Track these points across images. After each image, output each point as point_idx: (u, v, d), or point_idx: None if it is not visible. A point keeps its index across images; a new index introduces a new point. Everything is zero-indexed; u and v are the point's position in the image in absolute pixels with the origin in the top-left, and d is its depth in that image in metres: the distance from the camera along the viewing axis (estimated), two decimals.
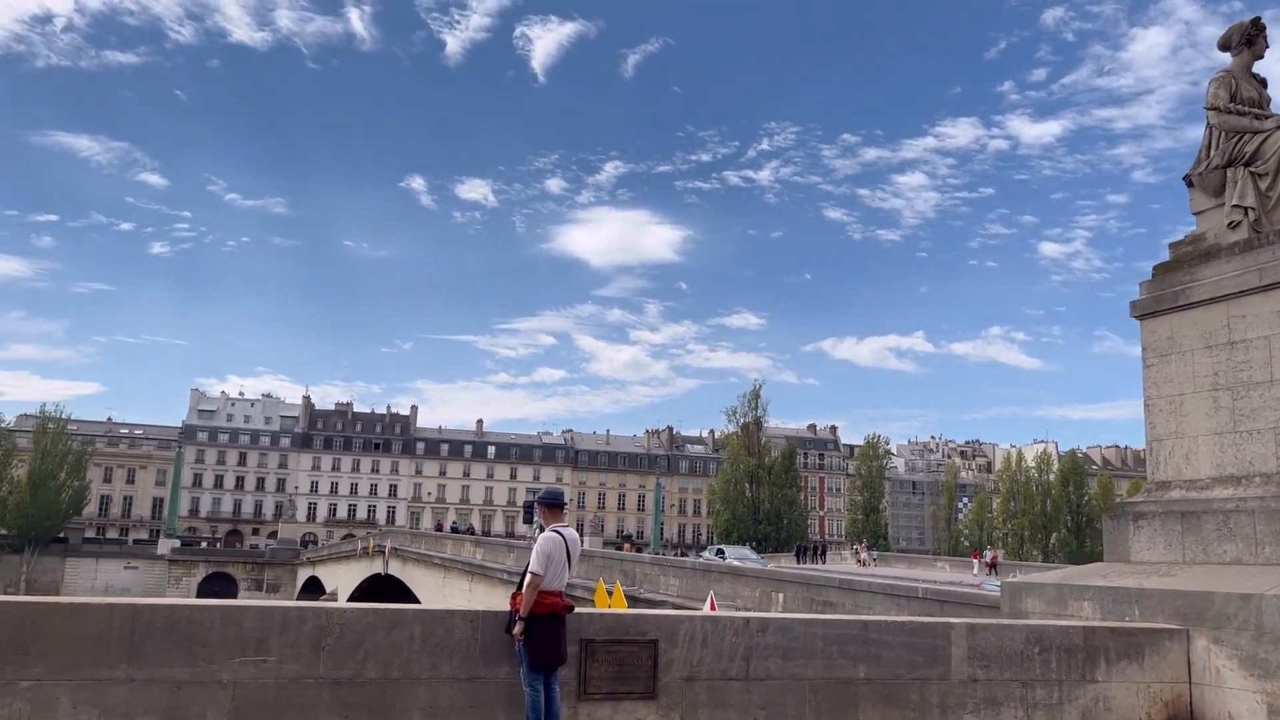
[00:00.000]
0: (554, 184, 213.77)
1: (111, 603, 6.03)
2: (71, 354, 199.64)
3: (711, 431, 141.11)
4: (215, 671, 6.04)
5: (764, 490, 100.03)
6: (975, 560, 57.33)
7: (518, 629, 6.54)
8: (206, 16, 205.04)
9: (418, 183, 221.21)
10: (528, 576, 6.70)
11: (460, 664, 6.59)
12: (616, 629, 7.03)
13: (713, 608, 19.28)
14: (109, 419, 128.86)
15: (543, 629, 6.58)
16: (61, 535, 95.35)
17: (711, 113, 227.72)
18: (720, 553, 41.20)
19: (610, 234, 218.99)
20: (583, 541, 8.13)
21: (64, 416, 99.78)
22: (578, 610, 7.01)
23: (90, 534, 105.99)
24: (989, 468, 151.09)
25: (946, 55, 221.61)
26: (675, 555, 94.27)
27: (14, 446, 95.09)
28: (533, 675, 6.51)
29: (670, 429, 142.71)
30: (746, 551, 45.46)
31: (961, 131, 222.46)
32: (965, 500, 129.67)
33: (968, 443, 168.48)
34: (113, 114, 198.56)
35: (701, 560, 32.99)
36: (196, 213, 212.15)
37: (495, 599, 35.90)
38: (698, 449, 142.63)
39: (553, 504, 7.16)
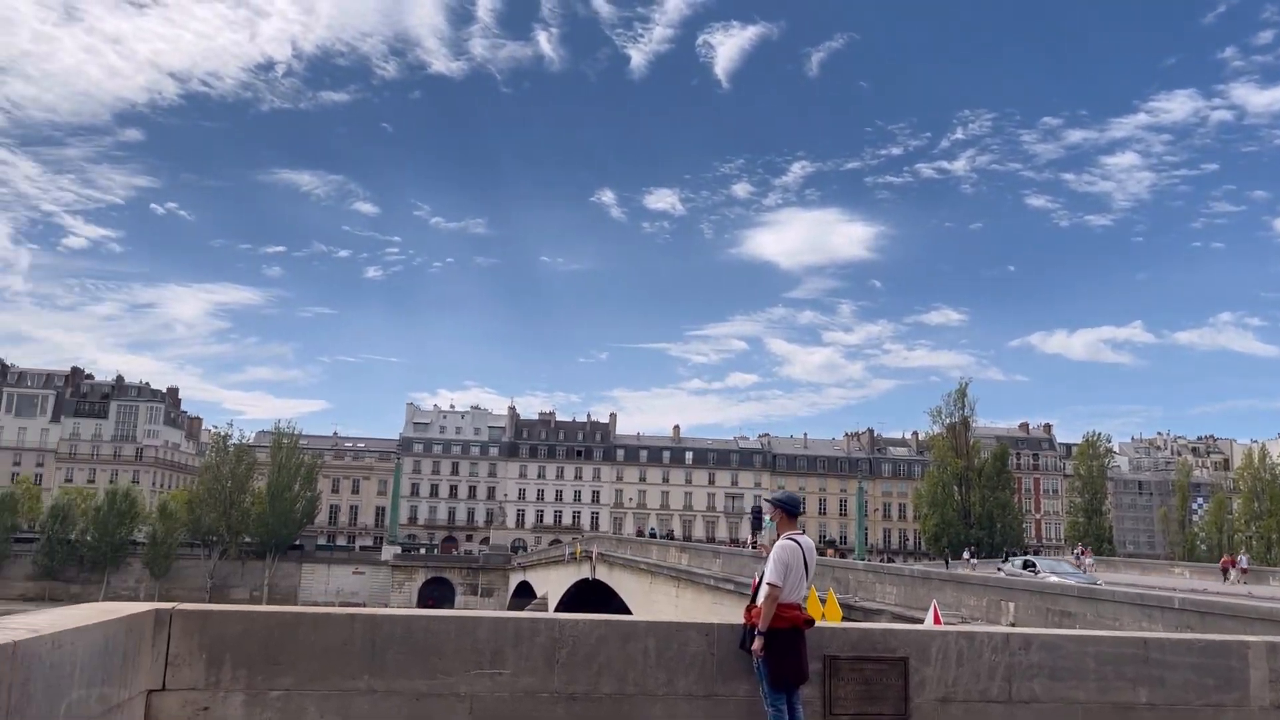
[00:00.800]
0: (740, 188, 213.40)
1: (353, 613, 6.04)
2: (300, 374, 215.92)
3: (914, 433, 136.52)
4: (453, 684, 5.93)
5: (974, 493, 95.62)
6: (1229, 567, 51.81)
7: (757, 644, 6.11)
8: (407, 51, 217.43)
9: (607, 196, 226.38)
10: (764, 588, 6.27)
11: (697, 680, 6.24)
12: (862, 645, 6.50)
13: (936, 618, 18.24)
14: (335, 433, 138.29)
15: (784, 644, 6.13)
16: (297, 543, 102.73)
17: (901, 105, 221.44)
18: (1030, 565, 34.53)
19: (799, 235, 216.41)
20: None
21: (296, 432, 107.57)
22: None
23: (322, 541, 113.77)
24: (1226, 465, 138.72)
25: (1157, 25, 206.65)
26: (881, 561, 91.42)
27: (254, 461, 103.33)
28: (775, 694, 6.07)
29: (870, 431, 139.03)
30: (1063, 564, 37.04)
31: (1178, 105, 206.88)
32: (1200, 501, 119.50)
33: (1200, 439, 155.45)
34: (329, 149, 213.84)
35: (919, 568, 31.40)
36: (405, 237, 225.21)
37: (701, 605, 35.68)
38: (900, 451, 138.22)
39: (790, 509, 6.69)
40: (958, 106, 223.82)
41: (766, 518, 6.96)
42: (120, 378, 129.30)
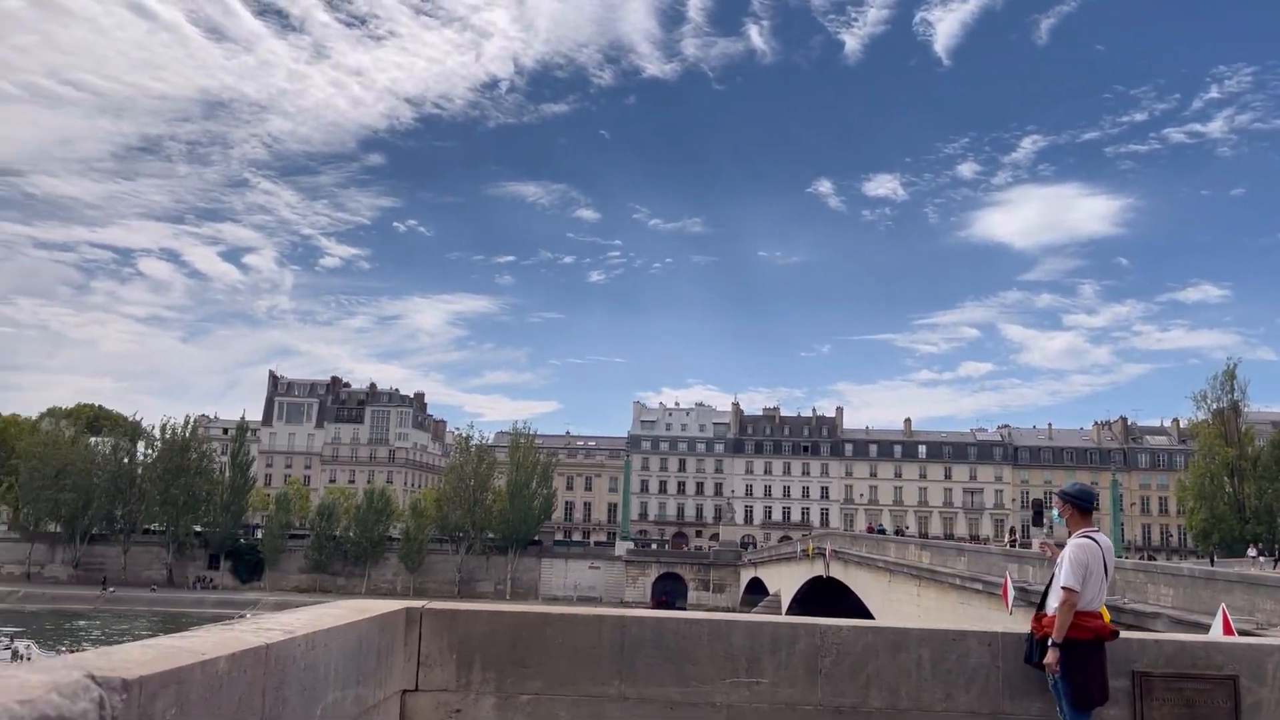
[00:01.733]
0: (966, 168, 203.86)
1: (600, 614, 5.73)
2: (533, 377, 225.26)
3: (1175, 420, 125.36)
4: (707, 693, 5.51)
5: (1249, 484, 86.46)
6: None
7: (1051, 657, 5.31)
8: (621, 57, 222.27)
9: (824, 186, 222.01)
10: (1059, 593, 5.46)
11: (979, 696, 5.50)
12: (1179, 660, 5.54)
13: (1227, 625, 16.25)
14: (567, 432, 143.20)
15: (1083, 658, 5.29)
16: (536, 538, 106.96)
17: (1143, 67, 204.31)
18: None
19: (1033, 213, 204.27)
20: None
21: (531, 433, 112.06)
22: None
23: (559, 537, 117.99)
24: None
25: None
26: (1142, 558, 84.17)
27: (494, 460, 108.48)
28: (1077, 715, 5.25)
29: (1124, 420, 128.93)
30: None
31: None
32: None
33: None
34: (551, 160, 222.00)
35: (1199, 567, 28.42)
36: (625, 240, 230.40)
37: (947, 606, 33.90)
38: (1159, 440, 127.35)
39: (1083, 504, 5.82)
40: (1211, 63, 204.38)
41: (1054, 513, 6.10)
42: (373, 385, 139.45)
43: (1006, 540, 55.61)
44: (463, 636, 5.54)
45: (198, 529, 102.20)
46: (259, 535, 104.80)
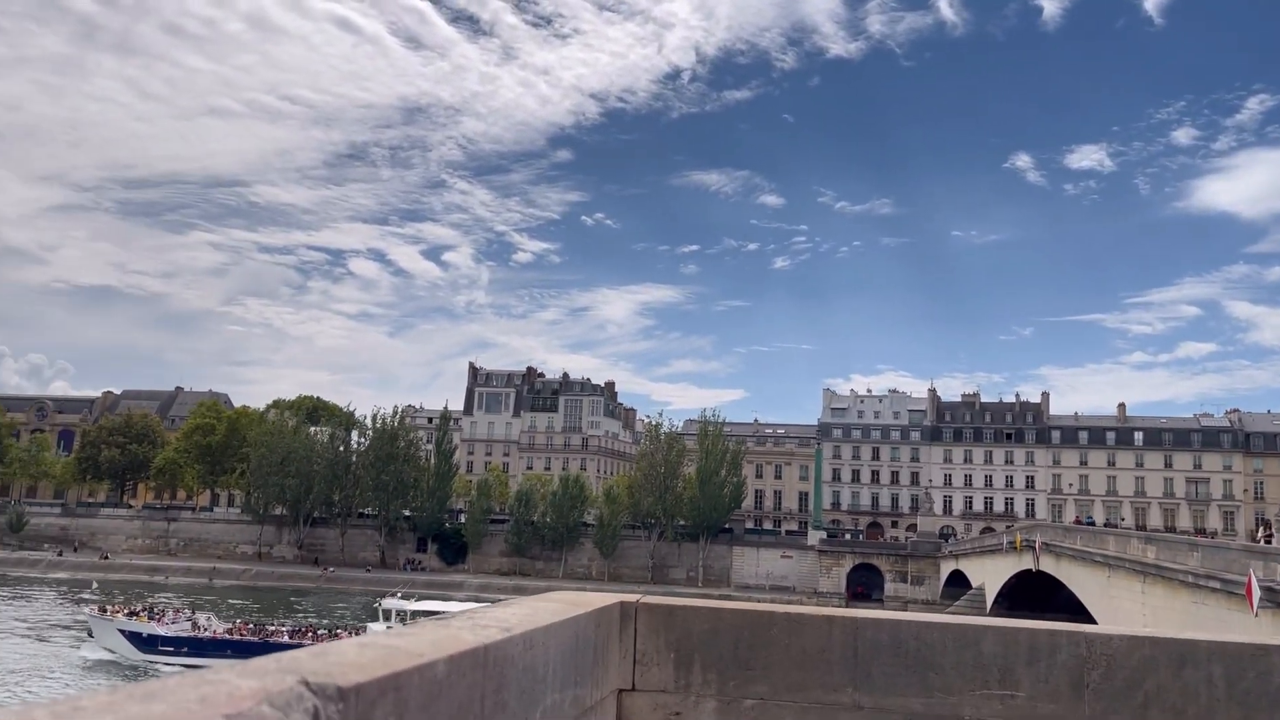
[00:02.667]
0: (1182, 134, 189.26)
1: (829, 614, 5.22)
2: (719, 365, 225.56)
3: None
4: (954, 705, 4.90)
5: None
6: None
7: None
8: (804, 39, 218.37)
9: (1023, 160, 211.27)
10: None
11: None
12: None
13: None
14: (755, 420, 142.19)
15: None
16: (727, 526, 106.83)
17: None
18: None
19: (1262, 179, 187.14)
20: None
21: (720, 420, 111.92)
22: None
23: (749, 525, 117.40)
24: None
25: None
26: None
27: (684, 448, 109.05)
28: None
29: None
30: None
31: None
32: None
33: None
34: (734, 147, 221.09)
35: None
36: (811, 225, 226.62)
37: (1176, 606, 31.22)
38: None
39: None
40: None
41: None
42: (566, 375, 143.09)
43: (1260, 535, 50.70)
44: (681, 634, 5.16)
45: (406, 513, 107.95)
46: (462, 520, 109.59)
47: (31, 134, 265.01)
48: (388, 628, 51.06)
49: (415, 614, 52.86)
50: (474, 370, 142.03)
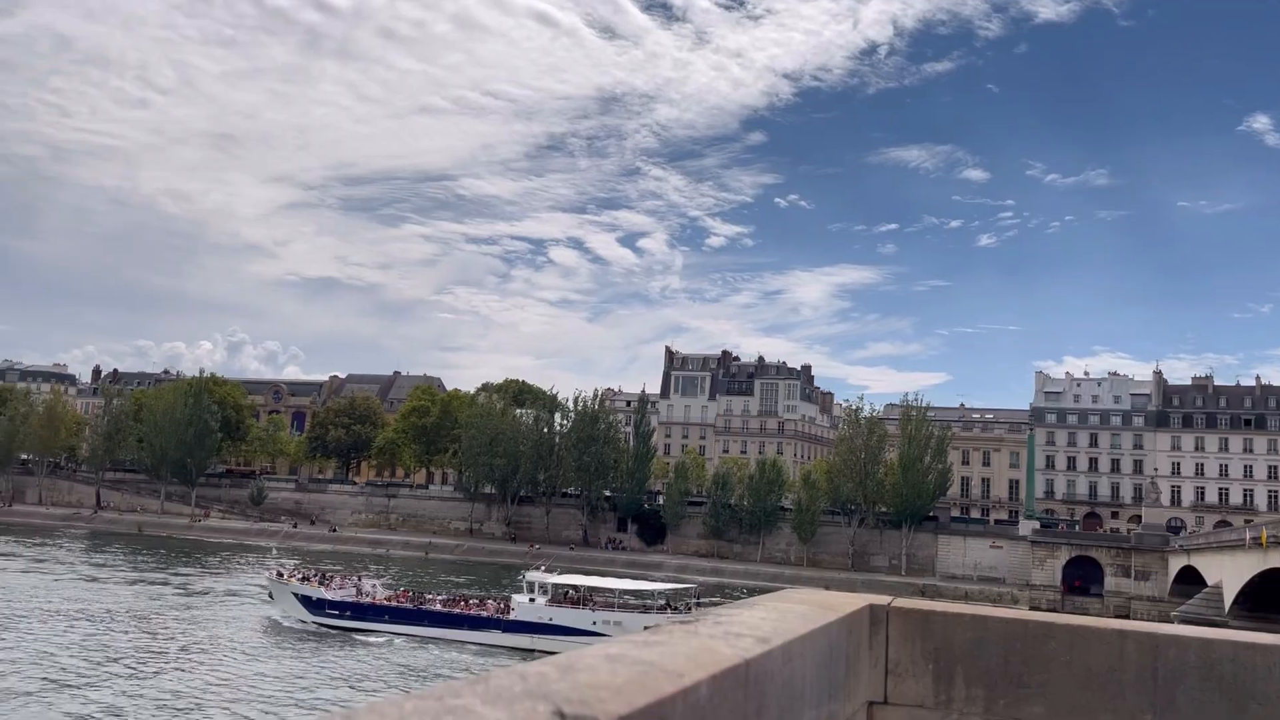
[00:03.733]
0: None
1: (1121, 628, 4.49)
2: (919, 347, 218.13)
3: None
4: None
5: None
6: None
7: None
8: (1010, 5, 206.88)
9: (1260, 122, 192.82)
10: None
11: None
12: None
13: None
14: (960, 404, 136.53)
15: None
16: (931, 514, 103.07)
17: None
18: None
19: None
20: None
21: (923, 404, 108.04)
22: None
23: (955, 513, 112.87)
24: None
25: None
26: None
27: (885, 433, 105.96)
28: None
29: None
30: None
31: None
32: None
33: None
34: (933, 121, 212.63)
35: None
36: (1018, 199, 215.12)
37: None
38: None
39: None
40: None
41: None
42: (761, 359, 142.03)
43: None
44: (940, 643, 4.56)
45: (607, 494, 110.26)
46: (660, 501, 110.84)
47: (264, 139, 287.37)
48: (530, 600, 51.86)
49: (556, 587, 53.37)
50: (670, 354, 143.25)
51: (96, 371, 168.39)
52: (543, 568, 59.38)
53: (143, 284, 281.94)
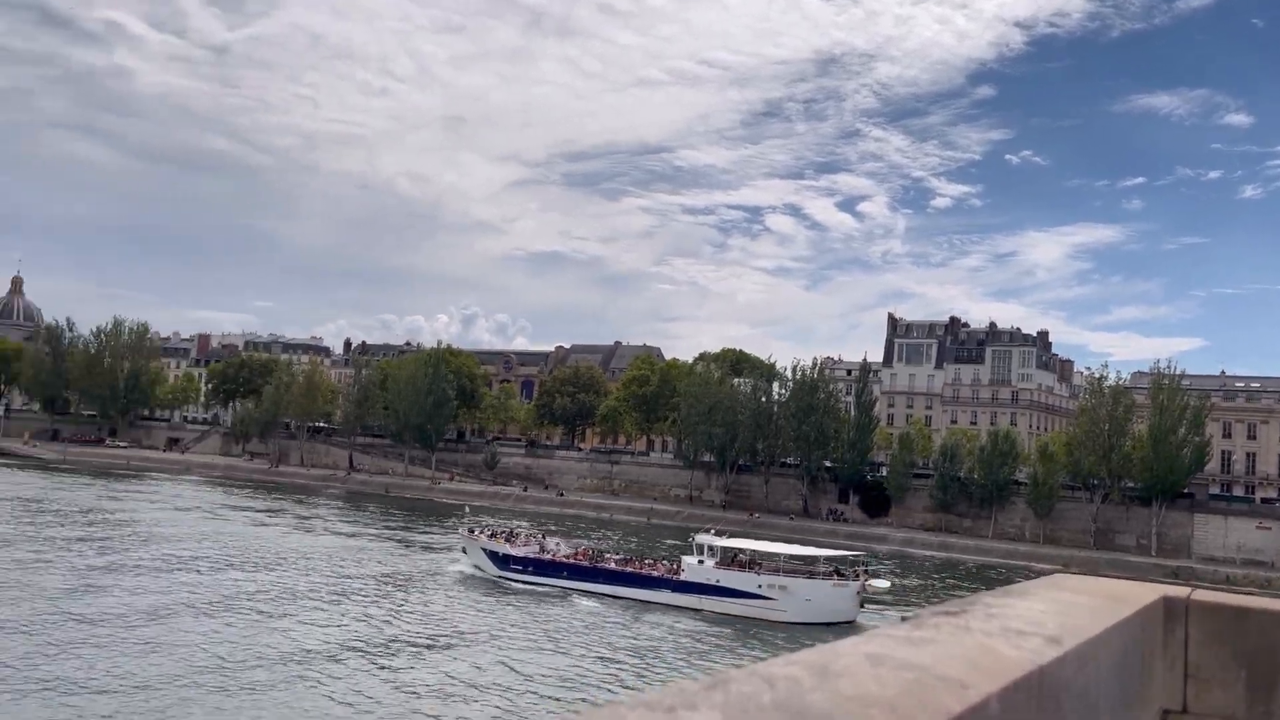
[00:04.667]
0: None
1: None
2: (1169, 310, 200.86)
3: None
4: None
5: None
6: None
7: None
8: None
9: None
10: None
11: None
12: None
13: None
14: (1221, 372, 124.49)
15: None
16: (1186, 490, 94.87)
17: None
18: None
19: None
20: None
21: (1177, 372, 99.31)
22: None
23: (1214, 490, 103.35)
24: None
25: None
26: None
27: (1132, 403, 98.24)
28: None
29: None
30: None
31: None
32: None
33: None
34: (1187, 64, 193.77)
35: None
36: None
37: None
38: None
39: None
40: None
41: None
42: (992, 324, 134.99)
43: None
44: (1257, 645, 3.78)
45: (827, 464, 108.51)
46: (884, 472, 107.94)
47: (491, 120, 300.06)
48: (699, 562, 52.58)
49: (724, 550, 53.98)
50: (893, 321, 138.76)
51: (348, 344, 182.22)
52: (713, 531, 60.27)
53: (385, 262, 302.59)
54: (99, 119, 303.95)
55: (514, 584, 55.11)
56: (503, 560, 57.15)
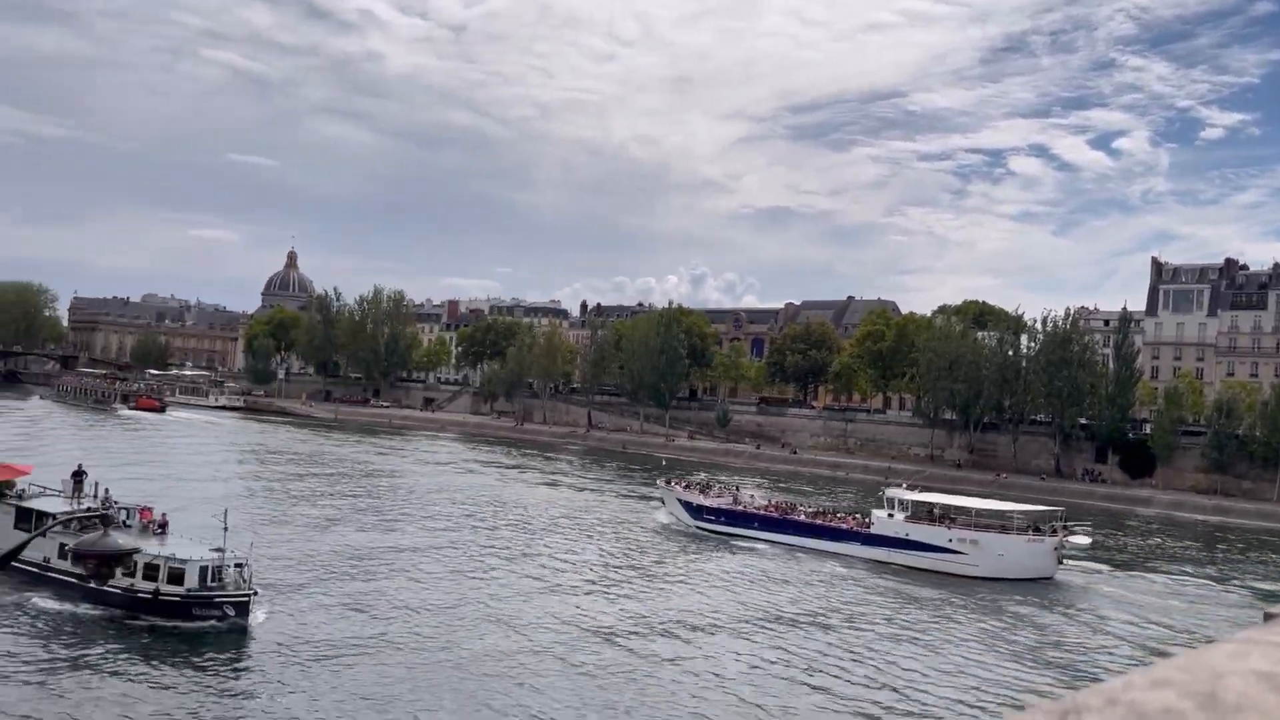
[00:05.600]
0: None
1: None
2: None
3: None
4: None
5: None
6: None
7: None
8: None
9: None
10: None
11: None
12: None
13: None
14: None
15: None
16: None
17: None
18: None
19: None
20: None
21: None
22: None
23: None
24: None
25: None
26: None
27: None
28: None
29: None
30: None
31: None
32: None
33: None
34: None
35: None
36: None
37: None
38: None
39: None
40: None
41: None
42: (1276, 265, 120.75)
43: None
44: None
45: (1082, 421, 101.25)
46: (1147, 430, 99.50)
47: (715, 77, 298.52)
48: (889, 515, 52.01)
49: (916, 504, 53.05)
50: (1157, 266, 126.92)
51: (584, 306, 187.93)
52: (904, 485, 59.32)
53: (617, 225, 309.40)
54: (355, 102, 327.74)
55: (708, 534, 56.82)
56: (696, 510, 59.09)
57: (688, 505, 59.94)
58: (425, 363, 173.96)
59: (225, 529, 32.93)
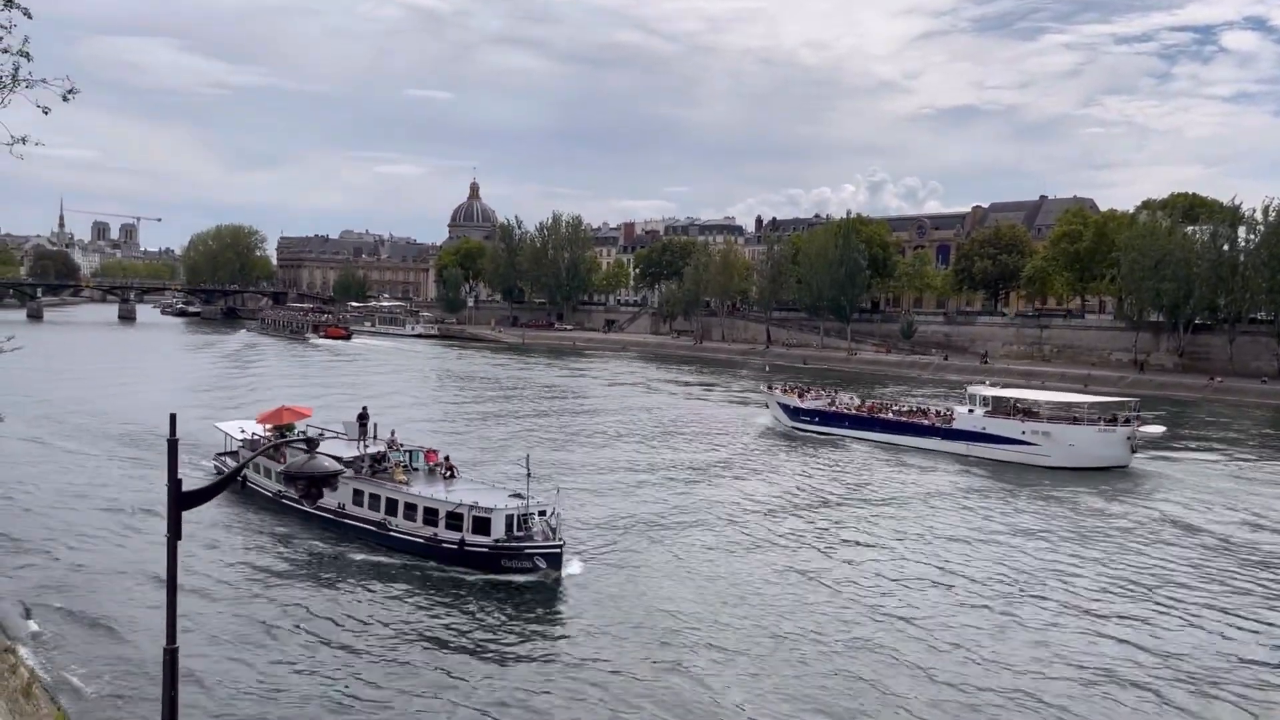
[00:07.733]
0: None
1: None
2: None
3: None
4: None
5: None
6: None
7: None
8: None
9: None
10: None
11: None
12: None
13: None
14: None
15: None
16: None
17: None
18: None
19: None
20: None
21: None
22: None
23: None
24: None
25: None
26: None
27: None
28: None
29: None
30: None
31: None
32: None
33: None
34: None
35: None
36: None
37: None
38: None
39: None
40: None
41: None
42: None
43: None
44: None
45: None
46: None
47: None
48: (969, 411, 54.83)
49: (996, 399, 54.88)
50: None
51: (759, 221, 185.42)
52: (988, 383, 62.99)
53: (790, 135, 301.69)
54: (526, 29, 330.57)
55: (804, 433, 60.73)
56: (794, 412, 63.29)
57: (786, 407, 64.22)
58: (605, 285, 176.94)
59: (528, 474, 29.96)
